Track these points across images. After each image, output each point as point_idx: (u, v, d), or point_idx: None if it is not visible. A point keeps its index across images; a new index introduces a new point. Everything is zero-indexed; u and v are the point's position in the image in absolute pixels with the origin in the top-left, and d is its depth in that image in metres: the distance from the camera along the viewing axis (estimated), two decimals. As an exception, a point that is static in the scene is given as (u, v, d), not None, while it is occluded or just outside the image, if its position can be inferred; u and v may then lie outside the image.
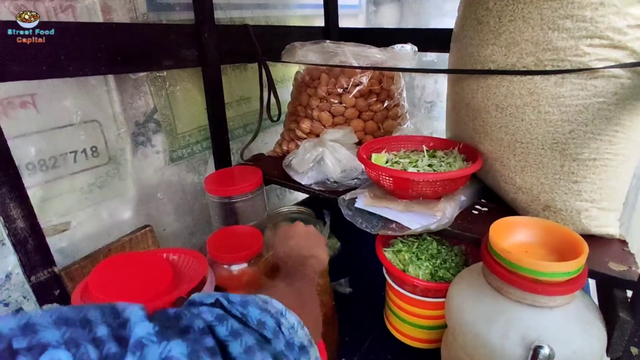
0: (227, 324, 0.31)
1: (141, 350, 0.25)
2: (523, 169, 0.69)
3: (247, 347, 0.30)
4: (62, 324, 0.24)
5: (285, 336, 0.34)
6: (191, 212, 1.06)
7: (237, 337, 0.30)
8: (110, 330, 0.26)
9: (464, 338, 0.56)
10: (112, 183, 0.88)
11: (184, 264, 0.72)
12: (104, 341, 0.25)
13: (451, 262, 0.76)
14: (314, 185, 0.85)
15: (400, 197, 0.73)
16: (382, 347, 0.82)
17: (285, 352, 0.33)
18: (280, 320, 0.34)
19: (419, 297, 0.72)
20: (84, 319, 0.25)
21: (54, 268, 0.72)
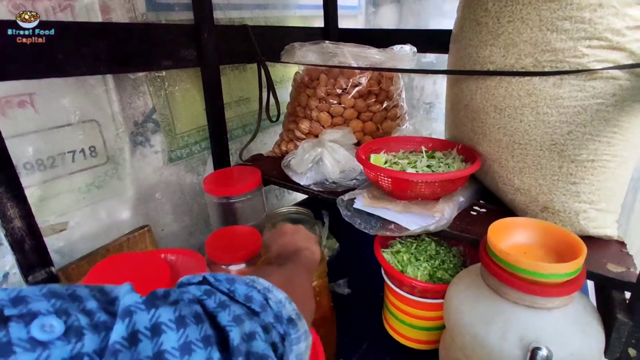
0: (215, 298, 0.32)
1: (130, 316, 0.25)
2: (521, 170, 0.69)
3: (235, 315, 0.30)
4: (52, 297, 0.24)
5: (274, 309, 0.34)
6: (190, 212, 1.06)
7: (225, 308, 0.31)
8: (99, 304, 0.26)
9: (462, 339, 0.56)
10: (110, 183, 0.87)
11: (182, 265, 0.72)
12: (93, 312, 0.25)
13: (449, 263, 0.76)
14: (313, 185, 0.85)
15: (399, 198, 0.73)
16: (381, 348, 0.82)
17: (274, 323, 0.33)
18: (268, 295, 0.34)
19: (417, 298, 0.71)
20: (73, 294, 0.26)
21: (52, 268, 0.71)
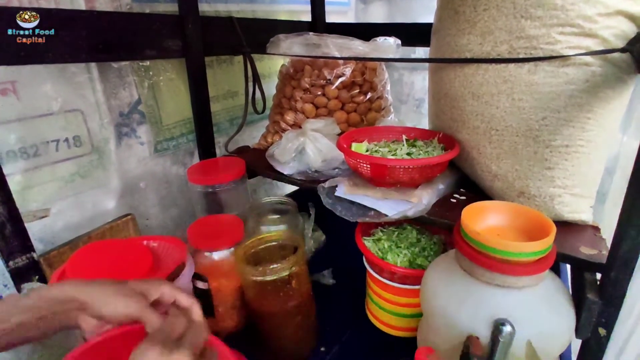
0: None
1: None
2: (498, 157, 0.70)
3: None
4: None
5: None
6: (176, 204, 1.06)
7: None
8: None
9: (436, 320, 0.56)
10: (95, 172, 0.88)
11: (163, 251, 0.73)
12: None
13: (430, 250, 0.77)
14: (296, 175, 0.86)
15: (378, 185, 0.73)
16: (362, 337, 0.82)
17: None
18: None
19: (397, 284, 0.72)
20: None
21: (33, 254, 0.72)
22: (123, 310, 0.45)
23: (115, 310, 0.45)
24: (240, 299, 0.78)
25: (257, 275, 0.67)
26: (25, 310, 0.44)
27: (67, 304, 0.46)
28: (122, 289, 0.47)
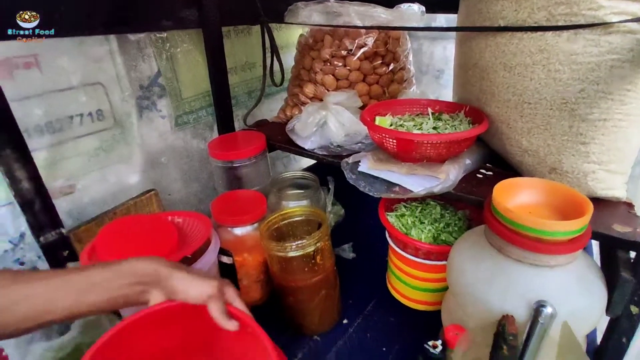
0: None
1: None
2: (530, 131, 0.67)
3: None
4: None
5: None
6: (198, 178, 1.07)
7: None
8: None
9: (464, 298, 0.56)
10: (118, 147, 0.88)
11: (188, 227, 0.73)
12: None
13: (454, 226, 0.76)
14: (317, 149, 0.84)
15: (404, 160, 0.72)
16: (385, 310, 0.83)
17: None
18: None
19: (421, 260, 0.72)
20: None
21: (62, 229, 0.73)
22: (207, 290, 0.48)
23: (199, 291, 0.48)
24: (264, 273, 0.79)
25: (282, 251, 0.67)
26: (118, 279, 0.47)
27: (148, 277, 0.48)
28: (202, 273, 0.51)
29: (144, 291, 0.49)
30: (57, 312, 0.43)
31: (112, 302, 0.47)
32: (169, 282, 0.49)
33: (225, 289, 0.51)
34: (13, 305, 0.41)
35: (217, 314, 0.49)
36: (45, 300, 0.43)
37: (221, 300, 0.49)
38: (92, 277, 0.46)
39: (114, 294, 0.46)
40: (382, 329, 0.79)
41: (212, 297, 0.49)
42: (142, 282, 0.48)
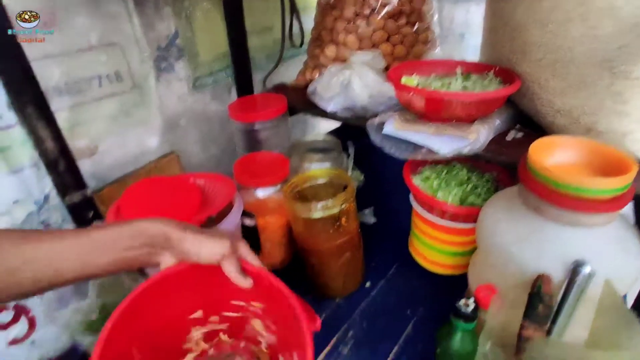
0: None
1: None
2: (563, 91, 0.64)
3: None
4: None
5: None
6: (216, 141, 1.06)
7: None
8: None
9: (496, 259, 0.55)
10: (137, 110, 0.87)
11: (211, 188, 0.73)
12: None
13: (482, 188, 0.74)
14: (341, 111, 0.82)
15: (432, 121, 0.70)
16: (407, 273, 0.83)
17: None
18: None
19: (447, 222, 0.71)
20: None
21: (86, 190, 0.73)
22: (219, 251, 0.48)
23: (211, 251, 0.48)
24: (286, 236, 0.79)
25: (306, 213, 0.66)
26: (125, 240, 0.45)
27: (158, 239, 0.47)
28: (213, 233, 0.50)
29: (154, 253, 0.48)
30: (67, 273, 0.43)
31: (120, 263, 0.46)
32: (179, 245, 0.48)
33: (237, 245, 0.51)
34: (25, 265, 0.41)
35: (231, 273, 0.49)
36: (55, 260, 0.42)
37: (235, 259, 0.49)
38: (99, 239, 0.45)
39: (121, 255, 0.45)
40: (406, 293, 0.79)
41: (225, 257, 0.48)
42: (150, 244, 0.47)
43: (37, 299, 0.75)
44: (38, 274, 0.41)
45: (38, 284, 0.42)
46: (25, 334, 0.75)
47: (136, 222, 0.47)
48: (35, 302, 0.75)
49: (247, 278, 0.49)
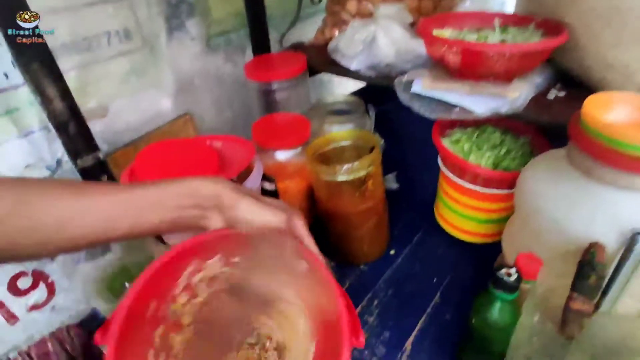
0: None
1: None
2: (618, 44, 0.58)
3: None
4: None
5: None
6: (231, 105, 1.01)
7: None
8: None
9: (538, 226, 0.51)
10: (148, 70, 0.82)
11: (229, 151, 0.69)
12: None
13: (516, 152, 0.69)
14: (365, 70, 0.77)
15: (467, 78, 0.64)
16: (433, 241, 0.80)
17: None
18: None
19: (479, 188, 0.66)
20: None
21: (98, 153, 0.70)
22: (274, 223, 0.43)
23: (264, 223, 0.43)
24: (307, 200, 0.75)
25: (331, 175, 0.62)
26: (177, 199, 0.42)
27: (209, 201, 0.43)
28: (270, 202, 0.45)
29: (203, 217, 0.44)
30: (118, 229, 0.40)
31: (169, 223, 0.42)
32: (232, 211, 0.43)
33: (294, 222, 0.45)
34: (78, 218, 0.38)
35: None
36: (109, 215, 0.39)
37: (290, 236, 0.44)
38: (152, 195, 0.41)
39: (172, 214, 0.42)
40: (432, 260, 0.76)
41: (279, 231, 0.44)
42: (202, 206, 0.43)
43: (54, 264, 0.74)
44: (88, 229, 0.39)
45: (87, 238, 0.39)
46: (45, 299, 0.75)
47: (188, 181, 0.43)
48: (54, 268, 0.74)
49: (300, 261, 0.44)
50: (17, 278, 0.72)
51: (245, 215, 0.43)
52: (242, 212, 0.43)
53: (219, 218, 0.44)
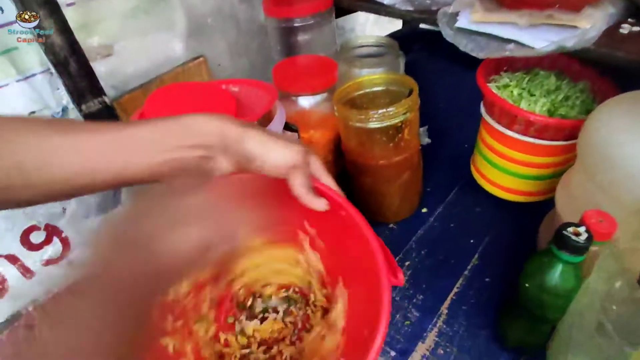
0: None
1: None
2: None
3: None
4: None
5: None
6: (247, 50, 0.93)
7: None
8: None
9: (611, 176, 0.43)
10: (157, 7, 0.74)
11: (247, 95, 0.62)
12: None
13: (575, 99, 0.60)
14: (400, 3, 0.67)
15: (526, 6, 0.54)
16: (469, 199, 0.72)
17: None
18: None
19: (530, 139, 0.58)
20: None
21: (105, 98, 0.64)
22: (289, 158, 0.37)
23: (278, 158, 0.37)
24: (332, 153, 0.68)
25: (363, 122, 0.55)
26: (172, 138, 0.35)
27: (212, 139, 0.36)
28: (282, 136, 0.39)
29: (207, 157, 0.37)
30: (106, 172, 0.34)
31: (166, 167, 0.36)
32: (240, 147, 0.37)
33: (310, 158, 0.39)
34: (60, 157, 0.32)
35: (300, 190, 0.37)
36: (94, 156, 0.33)
37: (306, 172, 0.38)
38: (141, 134, 0.35)
39: (167, 157, 0.35)
40: (468, 220, 0.69)
41: (295, 168, 0.37)
42: (204, 146, 0.36)
43: (64, 220, 0.71)
44: (72, 171, 0.33)
45: (71, 182, 0.33)
46: (61, 254, 0.72)
47: (185, 117, 0.37)
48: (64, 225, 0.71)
49: (320, 199, 0.38)
50: (30, 232, 0.69)
51: (256, 151, 0.37)
52: (252, 147, 0.37)
53: (227, 160, 0.38)
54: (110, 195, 0.71)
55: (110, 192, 0.71)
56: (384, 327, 0.32)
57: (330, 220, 0.40)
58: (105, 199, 0.71)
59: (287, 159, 0.37)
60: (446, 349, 0.53)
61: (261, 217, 0.39)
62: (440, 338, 0.54)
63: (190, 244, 0.31)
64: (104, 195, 0.71)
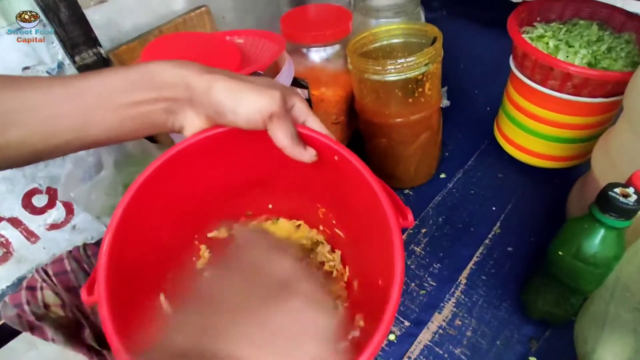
0: None
1: None
2: None
3: None
4: None
5: None
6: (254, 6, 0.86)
7: None
8: None
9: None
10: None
11: (252, 47, 0.57)
12: None
13: (620, 51, 0.54)
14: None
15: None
16: (491, 164, 0.67)
17: None
18: None
19: (567, 95, 0.52)
20: None
21: (99, 49, 0.59)
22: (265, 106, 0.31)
23: (252, 107, 0.31)
24: (345, 113, 0.63)
25: (380, 73, 0.49)
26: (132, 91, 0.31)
27: (176, 90, 0.31)
28: (256, 81, 0.33)
29: (173, 111, 0.33)
30: (63, 133, 0.30)
31: (129, 123, 0.32)
32: (208, 98, 0.32)
33: (291, 101, 0.34)
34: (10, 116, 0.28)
35: (283, 141, 0.32)
36: (45, 116, 0.29)
37: (288, 120, 0.33)
38: (94, 89, 0.31)
39: (130, 111, 0.31)
40: (489, 186, 0.64)
41: (274, 117, 0.32)
42: (167, 97, 0.31)
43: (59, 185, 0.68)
44: (26, 131, 0.29)
45: (28, 143, 0.29)
46: (64, 219, 0.71)
47: (145, 65, 0.31)
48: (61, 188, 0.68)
49: (307, 148, 0.34)
50: (32, 195, 0.67)
51: (225, 100, 0.31)
52: (221, 96, 0.31)
53: (196, 114, 0.33)
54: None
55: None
56: (400, 272, 0.29)
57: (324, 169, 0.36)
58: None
59: (262, 108, 0.31)
60: (464, 320, 0.50)
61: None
62: (458, 309, 0.51)
63: None
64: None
